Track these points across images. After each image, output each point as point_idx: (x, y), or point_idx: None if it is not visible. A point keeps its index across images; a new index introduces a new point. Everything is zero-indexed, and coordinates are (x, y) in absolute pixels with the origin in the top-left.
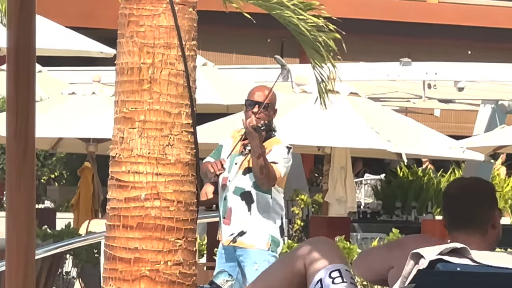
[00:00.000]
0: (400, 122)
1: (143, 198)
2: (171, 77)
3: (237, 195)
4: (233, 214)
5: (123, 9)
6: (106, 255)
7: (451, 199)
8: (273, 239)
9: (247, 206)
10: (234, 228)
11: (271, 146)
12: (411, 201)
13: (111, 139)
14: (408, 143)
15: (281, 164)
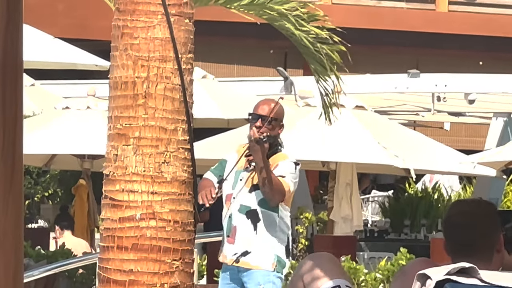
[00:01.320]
0: (408, 136)
1: (138, 218)
2: (167, 91)
3: (242, 213)
4: (237, 233)
5: (116, 20)
6: (100, 278)
7: (451, 226)
8: (279, 259)
9: (252, 225)
10: (238, 248)
11: (277, 161)
12: (421, 218)
13: None
14: (416, 158)
15: (288, 178)
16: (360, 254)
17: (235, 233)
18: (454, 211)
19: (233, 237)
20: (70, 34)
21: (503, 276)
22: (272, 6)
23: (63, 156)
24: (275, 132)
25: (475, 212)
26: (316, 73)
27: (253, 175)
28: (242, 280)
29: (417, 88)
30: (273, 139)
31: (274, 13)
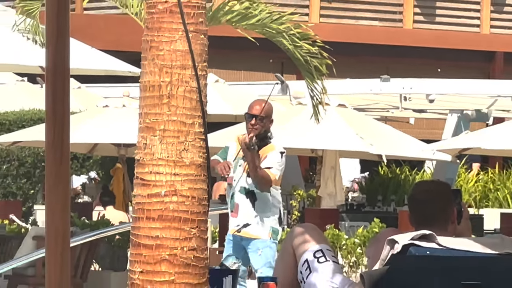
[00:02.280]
0: (381, 129)
1: (163, 195)
2: (186, 93)
3: (242, 193)
4: (239, 209)
5: (145, 36)
6: (133, 242)
7: (415, 202)
8: (273, 229)
9: (251, 203)
10: (240, 221)
11: (267, 152)
12: (391, 195)
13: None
14: (387, 146)
15: (275, 168)
16: (342, 223)
17: (238, 209)
18: (417, 189)
19: (236, 212)
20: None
21: (455, 241)
22: (272, 26)
23: (104, 145)
24: (266, 127)
25: (434, 190)
26: (306, 79)
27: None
28: (244, 247)
29: (387, 90)
30: (264, 134)
31: (273, 32)
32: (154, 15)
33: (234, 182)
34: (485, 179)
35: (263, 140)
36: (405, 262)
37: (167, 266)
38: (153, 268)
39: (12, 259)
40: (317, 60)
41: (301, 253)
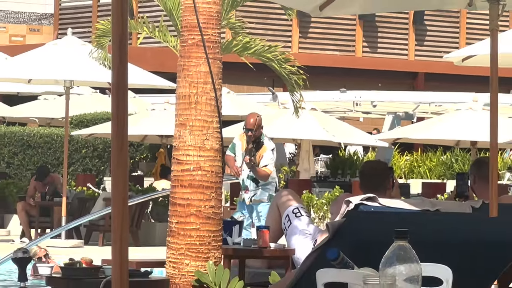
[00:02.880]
0: (340, 125)
1: (192, 170)
2: (207, 100)
3: (249, 179)
4: (249, 188)
5: (179, 61)
6: (171, 202)
7: (364, 175)
8: (270, 195)
9: (255, 184)
10: (250, 195)
11: (263, 153)
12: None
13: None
14: (344, 137)
15: (270, 165)
16: (314, 189)
17: (248, 188)
18: (365, 166)
19: (247, 190)
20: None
21: (390, 201)
22: (265, 54)
23: (151, 136)
24: (259, 133)
25: (376, 167)
26: (289, 90)
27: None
28: (253, 208)
29: (345, 98)
30: (258, 138)
31: (265, 58)
32: (185, 47)
33: (243, 172)
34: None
35: (258, 143)
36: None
37: (194, 219)
38: (184, 220)
39: (89, 214)
40: (296, 76)
41: (283, 210)
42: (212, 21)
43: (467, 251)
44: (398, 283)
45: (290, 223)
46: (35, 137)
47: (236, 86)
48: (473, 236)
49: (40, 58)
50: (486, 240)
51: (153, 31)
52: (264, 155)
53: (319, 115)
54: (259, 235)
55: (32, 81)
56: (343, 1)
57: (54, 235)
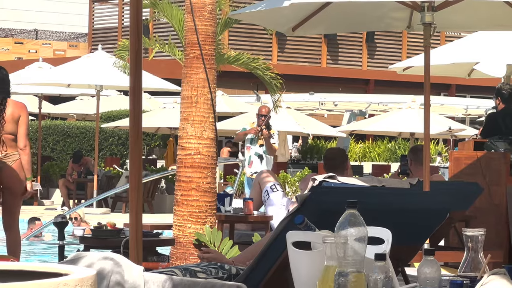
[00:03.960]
0: (309, 120)
1: (193, 154)
2: (205, 101)
3: (256, 156)
4: (253, 164)
5: (183, 70)
6: (176, 179)
7: (327, 159)
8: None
9: (259, 160)
10: (253, 170)
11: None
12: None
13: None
14: (313, 128)
15: (276, 143)
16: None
17: (252, 164)
18: (327, 152)
19: (250, 165)
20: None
21: (347, 179)
22: (251, 64)
23: (163, 128)
24: (269, 118)
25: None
26: (270, 92)
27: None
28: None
29: (313, 99)
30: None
31: (251, 67)
32: (188, 59)
33: (251, 150)
34: (364, 146)
35: (268, 126)
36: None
37: (195, 192)
38: (187, 193)
39: (114, 188)
40: (275, 81)
41: (263, 186)
42: (208, 39)
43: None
44: (349, 242)
45: (268, 196)
46: (73, 128)
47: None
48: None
49: (77, 67)
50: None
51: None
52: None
53: (293, 112)
54: (245, 205)
55: (71, 85)
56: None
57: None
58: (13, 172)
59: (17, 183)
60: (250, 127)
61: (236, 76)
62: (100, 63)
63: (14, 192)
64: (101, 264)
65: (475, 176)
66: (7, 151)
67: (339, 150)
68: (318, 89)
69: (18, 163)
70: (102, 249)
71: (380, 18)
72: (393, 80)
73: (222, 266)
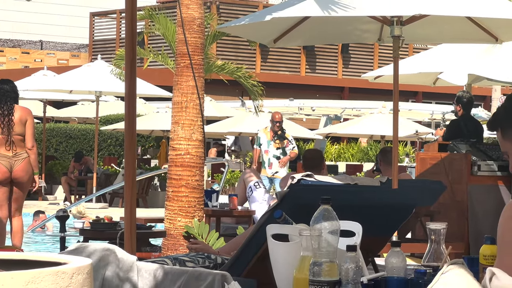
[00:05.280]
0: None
1: (183, 154)
2: (194, 106)
3: (274, 158)
4: (272, 165)
5: (174, 78)
6: (168, 177)
7: (305, 159)
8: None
9: (277, 161)
10: (273, 171)
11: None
12: None
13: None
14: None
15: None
16: None
17: (272, 165)
18: (306, 152)
19: (270, 167)
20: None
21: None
22: (236, 73)
23: (156, 130)
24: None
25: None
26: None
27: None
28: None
29: (293, 105)
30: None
31: (236, 75)
32: (179, 68)
33: (269, 153)
34: (339, 148)
35: (282, 131)
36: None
37: (184, 188)
38: (177, 189)
39: (112, 185)
40: (257, 88)
41: (247, 183)
42: (197, 50)
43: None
44: (323, 235)
45: (252, 192)
46: (74, 131)
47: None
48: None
49: (79, 75)
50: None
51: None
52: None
53: None
54: (230, 200)
55: (73, 91)
56: (291, 37)
57: (87, 200)
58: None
59: (26, 177)
60: (264, 132)
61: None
62: (100, 71)
63: (22, 184)
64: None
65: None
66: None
67: (316, 151)
68: (298, 96)
69: (26, 161)
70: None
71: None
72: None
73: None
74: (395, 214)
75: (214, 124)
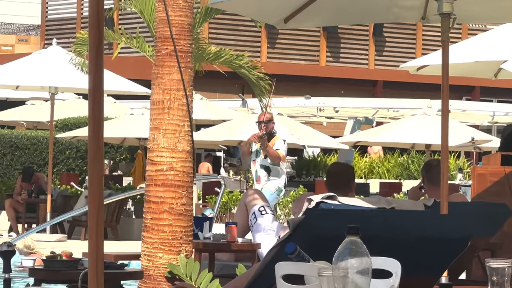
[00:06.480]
0: (305, 129)
1: (165, 170)
2: (179, 106)
3: (262, 168)
4: (261, 178)
5: (154, 70)
6: (146, 200)
7: (329, 175)
8: (278, 187)
9: (267, 174)
10: (262, 186)
11: (275, 141)
12: (311, 170)
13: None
14: (309, 139)
15: (281, 150)
16: None
17: (260, 179)
18: (332, 166)
19: (259, 181)
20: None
21: (350, 199)
22: (235, 62)
23: (130, 138)
24: (271, 127)
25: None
26: (257, 95)
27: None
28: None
29: (309, 104)
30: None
31: (235, 65)
32: (159, 57)
33: (256, 163)
34: (370, 161)
35: (271, 135)
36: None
37: (167, 215)
38: (158, 216)
39: (72, 211)
40: (263, 82)
41: (250, 207)
42: (184, 32)
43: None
44: (350, 275)
45: (256, 220)
46: (22, 139)
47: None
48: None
49: (27, 66)
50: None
51: (131, 41)
52: (276, 143)
53: (285, 119)
54: (227, 230)
55: (20, 87)
56: (306, 15)
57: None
58: None
59: None
60: None
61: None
62: (55, 60)
63: None
64: None
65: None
66: None
67: (344, 166)
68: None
69: None
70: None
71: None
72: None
73: None
74: (444, 248)
75: (207, 130)
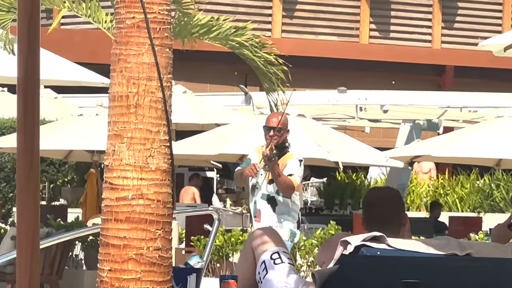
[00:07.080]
0: (338, 137)
1: (130, 198)
2: (152, 103)
3: (264, 199)
4: (262, 214)
5: (114, 49)
6: (102, 242)
7: (369, 206)
8: (292, 232)
9: (272, 208)
10: (263, 225)
11: (287, 161)
12: (347, 198)
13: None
14: (343, 153)
15: (296, 175)
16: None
17: (260, 214)
18: (370, 195)
19: (259, 217)
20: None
21: (404, 242)
22: (233, 38)
23: (78, 151)
24: (284, 137)
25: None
26: (266, 87)
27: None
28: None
29: (344, 101)
30: (282, 144)
31: (234, 43)
32: (122, 30)
33: (257, 189)
34: (436, 185)
35: (282, 150)
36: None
37: (134, 265)
38: (120, 267)
39: None
40: (276, 67)
41: (259, 254)
42: None
43: None
44: None
45: (267, 272)
46: None
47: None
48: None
49: None
50: None
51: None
52: (288, 163)
53: (309, 123)
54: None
55: None
56: None
57: None
58: None
59: None
60: (257, 154)
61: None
62: None
63: None
64: None
65: None
66: None
67: (391, 191)
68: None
69: None
70: None
71: None
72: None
73: None
74: None
75: (193, 139)
